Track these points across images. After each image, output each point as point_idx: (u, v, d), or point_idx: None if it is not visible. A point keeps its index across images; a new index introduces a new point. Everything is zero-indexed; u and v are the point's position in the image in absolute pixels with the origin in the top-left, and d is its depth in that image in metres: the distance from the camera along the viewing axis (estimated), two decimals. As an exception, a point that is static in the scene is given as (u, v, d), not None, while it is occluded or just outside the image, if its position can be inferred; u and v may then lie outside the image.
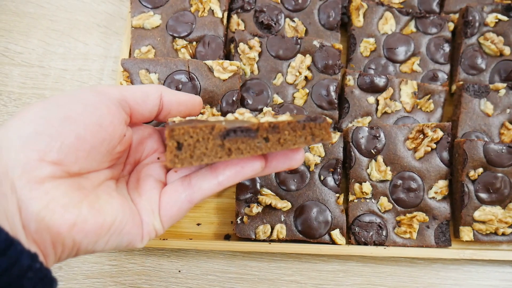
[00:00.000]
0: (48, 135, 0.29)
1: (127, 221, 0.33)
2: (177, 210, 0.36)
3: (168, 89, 0.39)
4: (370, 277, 0.54)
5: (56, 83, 0.61)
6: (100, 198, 0.32)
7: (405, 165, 0.54)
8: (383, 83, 0.57)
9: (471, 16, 0.59)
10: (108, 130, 0.33)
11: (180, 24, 0.59)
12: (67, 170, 0.30)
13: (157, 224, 0.35)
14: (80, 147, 0.31)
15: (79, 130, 0.31)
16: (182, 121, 0.36)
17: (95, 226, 0.30)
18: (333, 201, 0.53)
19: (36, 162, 0.28)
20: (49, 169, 0.29)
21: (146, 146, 0.40)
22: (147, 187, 0.37)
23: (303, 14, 0.60)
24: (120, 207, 0.33)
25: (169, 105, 0.39)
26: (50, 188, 0.29)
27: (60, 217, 0.28)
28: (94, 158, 0.32)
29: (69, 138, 0.30)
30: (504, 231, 0.53)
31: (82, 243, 0.30)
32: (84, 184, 0.32)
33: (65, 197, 0.29)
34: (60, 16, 0.65)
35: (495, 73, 0.59)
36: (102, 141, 0.32)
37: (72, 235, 0.29)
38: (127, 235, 0.33)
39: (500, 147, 0.52)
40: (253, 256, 0.55)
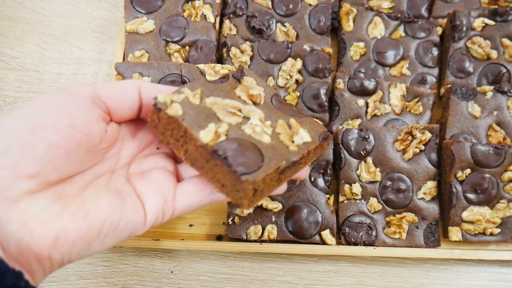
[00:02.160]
0: (17, 148, 0.28)
1: (120, 217, 0.32)
2: (197, 202, 0.36)
3: (147, 83, 0.37)
4: (360, 277, 0.55)
5: (51, 87, 0.62)
6: (86, 201, 0.31)
7: (394, 166, 0.55)
8: (373, 86, 0.58)
9: (458, 21, 0.60)
10: (84, 130, 0.31)
11: (173, 29, 0.60)
12: (45, 181, 0.29)
13: (168, 210, 0.35)
14: (55, 155, 0.29)
15: (50, 137, 0.29)
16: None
17: (80, 234, 0.29)
18: (323, 202, 0.54)
19: (10, 180, 0.27)
20: (25, 184, 0.28)
21: (141, 138, 0.39)
22: (158, 176, 0.36)
23: (294, 19, 0.62)
24: (110, 206, 0.32)
25: (149, 99, 0.36)
26: (27, 205, 0.28)
27: (39, 234, 0.27)
28: (74, 161, 0.31)
29: (41, 147, 0.28)
30: (492, 231, 0.53)
31: (72, 252, 0.29)
32: (68, 191, 0.31)
33: (44, 211, 0.28)
34: (55, 21, 0.66)
35: (482, 76, 0.60)
36: (79, 142, 0.31)
37: (57, 249, 0.28)
38: (125, 230, 0.32)
39: (487, 148, 0.53)
40: (245, 257, 0.55)
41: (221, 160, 0.32)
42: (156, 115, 0.35)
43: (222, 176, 0.34)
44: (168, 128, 0.35)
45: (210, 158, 0.33)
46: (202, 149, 0.34)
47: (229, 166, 0.32)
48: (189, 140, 0.34)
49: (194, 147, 0.34)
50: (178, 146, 0.35)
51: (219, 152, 0.33)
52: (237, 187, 0.33)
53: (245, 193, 0.32)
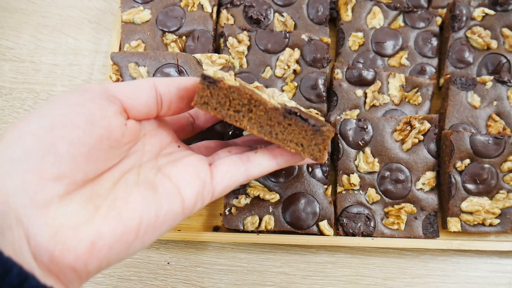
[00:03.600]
0: (39, 150, 0.27)
1: (156, 212, 0.31)
2: (234, 181, 0.36)
3: (162, 78, 0.36)
4: (358, 268, 0.54)
5: (47, 78, 0.61)
6: (117, 201, 0.30)
7: (393, 156, 0.54)
8: (371, 77, 0.57)
9: (458, 10, 0.60)
10: (103, 125, 0.30)
11: (169, 18, 0.59)
12: (72, 182, 0.28)
13: (208, 193, 0.35)
14: (78, 152, 0.28)
15: (71, 135, 0.28)
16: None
17: (116, 237, 0.28)
18: (321, 192, 0.53)
19: (36, 183, 0.26)
20: (52, 187, 0.27)
21: (161, 136, 0.38)
22: (192, 160, 0.35)
23: (292, 9, 0.61)
24: (142, 202, 0.30)
25: (168, 94, 0.35)
26: (57, 211, 0.26)
27: (73, 242, 0.26)
28: (98, 158, 0.30)
29: (62, 146, 0.27)
30: (492, 222, 0.53)
31: (110, 257, 0.28)
32: (97, 191, 0.29)
33: (75, 216, 0.27)
34: (51, 12, 0.65)
35: (482, 67, 0.60)
36: (100, 138, 0.29)
37: (94, 255, 0.27)
38: (164, 223, 0.31)
39: (487, 138, 0.53)
40: (242, 248, 0.55)
41: (297, 118, 0.35)
42: (208, 91, 0.35)
43: (297, 135, 0.36)
44: (225, 100, 0.35)
45: (282, 119, 0.35)
46: (273, 111, 0.35)
47: (305, 121, 0.35)
48: (255, 107, 0.35)
49: (262, 112, 0.35)
50: (239, 116, 0.35)
51: (294, 111, 0.35)
52: (316, 140, 0.36)
53: (325, 144, 0.36)
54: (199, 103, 0.35)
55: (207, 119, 0.45)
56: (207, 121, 0.45)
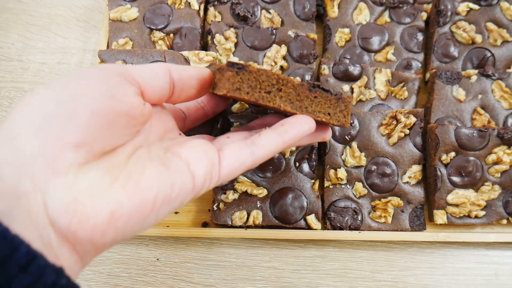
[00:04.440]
0: (61, 116, 0.26)
1: (172, 186, 0.30)
2: (240, 164, 0.36)
3: (175, 65, 0.36)
4: (347, 262, 0.55)
5: (35, 77, 0.62)
6: (133, 173, 0.29)
7: (379, 150, 0.55)
8: (358, 72, 0.58)
9: (443, 6, 0.60)
10: (124, 100, 0.30)
11: (157, 16, 0.59)
12: (90, 151, 0.27)
13: (215, 175, 0.34)
14: (98, 124, 0.28)
15: (92, 105, 0.28)
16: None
17: (135, 207, 0.28)
18: (308, 187, 0.54)
19: (56, 149, 0.26)
20: (72, 154, 0.26)
21: (164, 121, 0.38)
22: (200, 141, 0.36)
23: (279, 6, 0.61)
24: (158, 175, 0.30)
25: (180, 81, 0.36)
26: (76, 178, 0.26)
27: (93, 209, 0.26)
28: (116, 132, 0.29)
29: (84, 115, 0.27)
30: (477, 214, 0.54)
31: (127, 228, 0.28)
32: (114, 162, 0.29)
33: (94, 185, 0.27)
34: (39, 11, 0.65)
35: (467, 61, 0.60)
36: (120, 113, 0.29)
37: (113, 225, 0.27)
38: (178, 198, 0.31)
39: (471, 131, 0.53)
40: (231, 243, 0.55)
41: (320, 90, 0.39)
42: (238, 77, 0.36)
43: (323, 105, 0.40)
44: (256, 83, 0.37)
45: (308, 93, 0.39)
46: (299, 87, 0.39)
47: (328, 92, 0.40)
48: (283, 85, 0.38)
49: (291, 90, 0.38)
50: (271, 97, 0.38)
51: (317, 84, 0.39)
52: (340, 108, 0.41)
53: (348, 109, 0.41)
54: (231, 89, 0.36)
55: (198, 116, 0.46)
56: (197, 119, 0.46)
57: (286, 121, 0.38)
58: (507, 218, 0.54)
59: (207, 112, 0.46)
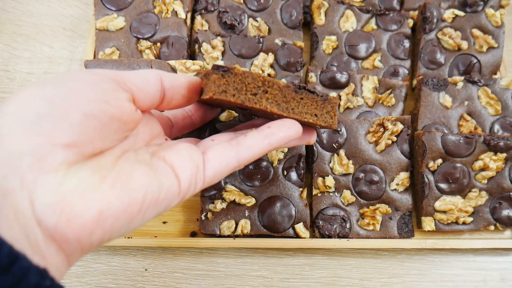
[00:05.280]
0: (53, 116, 0.26)
1: (159, 188, 0.31)
2: (225, 165, 0.35)
3: (167, 73, 0.36)
4: (335, 269, 0.55)
5: (22, 87, 0.61)
6: (122, 173, 0.29)
7: (367, 158, 0.55)
8: (345, 79, 0.58)
9: (429, 12, 0.61)
10: (116, 105, 0.30)
11: (144, 25, 0.59)
12: (81, 152, 0.27)
13: (200, 179, 0.34)
14: (90, 125, 0.28)
15: (85, 107, 0.28)
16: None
17: (123, 207, 0.28)
18: (296, 195, 0.54)
19: (46, 148, 0.25)
20: (62, 154, 0.26)
21: (151, 127, 0.38)
22: (185, 145, 0.36)
23: (266, 14, 0.62)
24: (146, 177, 0.30)
25: (171, 89, 0.36)
26: (65, 177, 0.26)
27: (81, 208, 0.26)
28: (107, 135, 0.30)
29: (76, 116, 0.27)
30: (465, 220, 0.54)
31: (114, 228, 0.28)
32: (103, 163, 0.29)
33: (83, 183, 0.26)
34: (26, 20, 0.65)
35: (453, 67, 0.61)
36: (112, 116, 0.29)
37: (100, 224, 0.27)
38: (164, 201, 0.31)
39: (458, 138, 0.53)
40: (220, 253, 0.55)
41: (306, 92, 0.39)
42: (223, 79, 0.36)
43: (309, 106, 0.40)
44: (242, 85, 0.37)
45: (294, 94, 0.39)
46: (285, 89, 0.39)
47: (313, 93, 0.40)
48: (269, 87, 0.38)
49: (277, 91, 0.38)
50: (257, 99, 0.38)
51: (303, 85, 0.39)
52: (326, 109, 0.41)
53: (334, 110, 0.41)
54: (217, 92, 0.36)
55: (185, 125, 0.46)
56: (184, 128, 0.46)
57: (273, 124, 0.38)
58: (495, 224, 0.54)
59: (194, 121, 0.46)
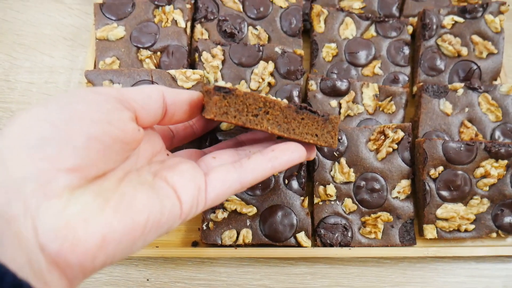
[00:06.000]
0: (57, 140, 0.26)
1: (161, 211, 0.30)
2: (227, 188, 0.35)
3: (169, 89, 0.36)
4: (337, 278, 0.55)
5: (23, 97, 0.61)
6: (125, 196, 0.29)
7: (368, 166, 0.55)
8: (345, 87, 0.58)
9: (428, 19, 0.61)
10: (119, 126, 0.30)
11: (144, 35, 0.59)
12: (84, 176, 0.27)
13: (201, 200, 0.34)
14: (94, 148, 0.28)
15: (89, 130, 0.27)
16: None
17: (126, 231, 0.28)
18: (298, 204, 0.54)
19: (50, 172, 0.25)
20: (65, 178, 0.26)
21: (153, 143, 0.38)
22: (187, 166, 0.35)
23: (265, 22, 0.62)
24: (149, 199, 0.30)
25: (173, 106, 0.36)
26: (68, 202, 0.26)
27: (84, 234, 0.26)
28: (110, 157, 0.29)
29: (80, 139, 0.27)
30: (467, 228, 0.54)
31: (116, 252, 0.28)
32: (105, 186, 0.29)
33: (87, 208, 0.26)
34: (26, 30, 0.65)
35: (453, 74, 0.61)
36: (115, 138, 0.29)
37: (104, 250, 0.27)
38: (166, 224, 0.31)
39: (459, 145, 0.53)
40: (221, 262, 0.55)
41: (307, 112, 0.39)
42: (225, 101, 0.36)
43: (310, 126, 0.40)
44: (243, 107, 0.37)
45: (296, 115, 0.39)
46: (287, 109, 0.38)
47: (315, 113, 0.40)
48: (270, 108, 0.38)
49: (278, 112, 0.38)
50: (258, 120, 0.37)
51: (304, 105, 0.39)
52: (327, 129, 0.40)
53: (335, 129, 0.41)
54: (219, 114, 0.36)
55: (186, 135, 0.46)
56: (185, 138, 0.46)
57: (277, 147, 0.38)
58: (497, 231, 0.54)
59: (195, 131, 0.46)
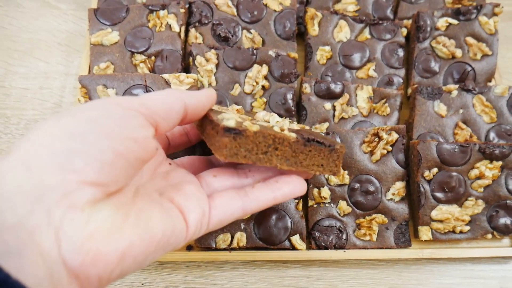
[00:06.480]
0: (86, 153, 0.26)
1: (173, 229, 0.31)
2: (230, 215, 0.36)
3: (189, 95, 0.36)
4: (333, 281, 0.55)
5: (18, 102, 0.62)
6: (141, 212, 0.29)
7: (362, 168, 0.55)
8: (339, 89, 0.58)
9: (422, 21, 0.61)
10: (143, 144, 0.30)
11: (138, 39, 0.60)
12: (107, 191, 0.27)
13: (204, 224, 0.34)
14: (119, 165, 0.28)
15: (117, 146, 0.28)
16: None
17: (143, 247, 0.28)
18: (292, 207, 0.54)
19: (76, 185, 0.25)
20: (90, 192, 0.26)
21: (157, 156, 0.38)
22: (192, 188, 0.35)
23: (259, 26, 0.62)
24: (163, 217, 0.30)
25: (193, 111, 0.36)
26: (91, 215, 0.26)
27: (106, 249, 0.26)
28: (130, 174, 0.30)
29: (108, 155, 0.27)
30: (462, 229, 0.54)
31: (131, 267, 0.28)
32: (123, 200, 0.29)
33: (108, 223, 0.26)
34: (21, 36, 0.65)
35: (448, 76, 0.61)
36: (137, 156, 0.30)
37: (122, 263, 0.27)
38: (173, 243, 0.31)
39: (453, 147, 0.53)
40: (216, 266, 0.55)
41: (315, 144, 0.38)
42: (235, 142, 0.34)
43: (317, 157, 0.39)
44: (253, 146, 0.35)
45: (303, 148, 0.38)
46: (295, 143, 0.37)
47: (322, 144, 0.39)
48: (279, 144, 0.37)
49: (287, 147, 0.37)
50: (267, 157, 0.36)
51: (312, 138, 0.38)
52: (332, 158, 0.40)
53: (340, 158, 0.41)
54: (229, 155, 0.34)
55: (181, 143, 0.45)
56: (180, 145, 0.46)
57: (280, 179, 0.38)
58: (492, 232, 0.54)
59: (190, 138, 0.46)
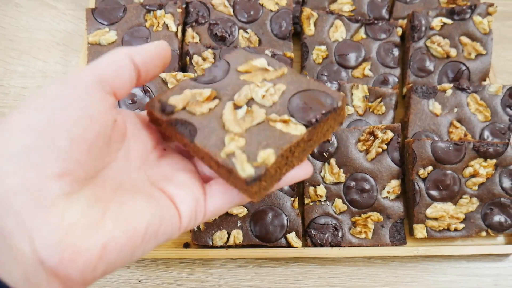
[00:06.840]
0: (40, 146, 0.25)
1: (160, 220, 0.29)
2: (228, 202, 0.34)
3: (135, 49, 0.33)
4: (328, 278, 0.55)
5: (16, 101, 0.62)
6: (124, 204, 0.28)
7: (358, 166, 0.55)
8: (335, 88, 0.59)
9: (417, 21, 0.61)
10: (99, 120, 0.28)
11: (135, 39, 0.60)
12: (75, 180, 0.26)
13: (200, 213, 0.33)
14: (78, 148, 0.26)
15: (71, 130, 0.26)
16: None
17: (126, 240, 0.27)
18: (288, 205, 0.54)
19: (40, 181, 0.24)
20: (56, 185, 0.24)
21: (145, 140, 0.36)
22: (185, 177, 0.34)
23: (256, 25, 0.62)
24: (148, 208, 0.29)
25: (144, 64, 0.33)
26: (65, 210, 0.24)
27: (85, 244, 0.25)
28: (95, 155, 0.28)
29: (63, 142, 0.25)
30: (456, 227, 0.54)
31: (117, 261, 0.27)
32: (101, 193, 0.28)
33: (85, 217, 0.25)
34: (20, 35, 0.66)
35: (443, 75, 0.61)
36: (98, 134, 0.28)
37: (104, 259, 0.26)
38: (165, 233, 0.30)
39: (447, 145, 0.54)
40: (213, 263, 0.55)
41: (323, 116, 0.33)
42: (263, 183, 0.31)
43: (325, 125, 0.34)
44: (276, 169, 0.32)
45: (314, 131, 0.33)
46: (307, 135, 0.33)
47: (327, 114, 0.33)
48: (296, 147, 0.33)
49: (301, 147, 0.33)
50: (288, 165, 0.34)
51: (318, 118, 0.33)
52: (338, 113, 0.34)
53: (344, 109, 0.35)
54: (260, 196, 0.32)
55: None
56: None
57: None
58: (486, 230, 0.54)
59: None
